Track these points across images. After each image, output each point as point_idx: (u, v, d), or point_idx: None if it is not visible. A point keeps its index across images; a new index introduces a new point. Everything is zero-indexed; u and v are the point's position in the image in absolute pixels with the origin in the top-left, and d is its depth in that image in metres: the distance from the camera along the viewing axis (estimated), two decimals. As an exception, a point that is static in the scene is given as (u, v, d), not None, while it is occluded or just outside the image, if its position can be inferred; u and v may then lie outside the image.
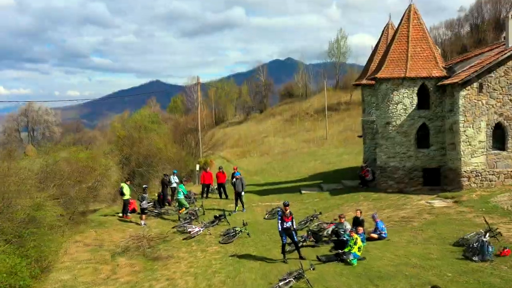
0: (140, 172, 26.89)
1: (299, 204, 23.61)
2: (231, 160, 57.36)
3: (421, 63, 24.35)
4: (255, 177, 41.14)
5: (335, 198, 24.15)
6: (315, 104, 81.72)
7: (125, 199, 22.80)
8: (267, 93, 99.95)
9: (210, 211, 23.28)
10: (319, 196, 25.28)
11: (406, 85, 24.16)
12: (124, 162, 26.93)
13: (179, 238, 19.28)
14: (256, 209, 23.75)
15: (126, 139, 27.17)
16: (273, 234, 18.75)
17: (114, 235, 19.93)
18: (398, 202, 21.00)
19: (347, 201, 22.81)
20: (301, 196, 26.27)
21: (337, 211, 21.10)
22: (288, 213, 15.33)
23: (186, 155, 41.17)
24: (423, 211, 18.82)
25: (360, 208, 17.94)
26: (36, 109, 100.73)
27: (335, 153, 46.95)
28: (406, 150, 24.16)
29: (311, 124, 72.78)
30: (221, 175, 27.43)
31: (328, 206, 22.32)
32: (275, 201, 25.40)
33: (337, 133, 62.01)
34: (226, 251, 17.11)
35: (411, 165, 24.13)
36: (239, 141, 70.04)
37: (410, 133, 24.12)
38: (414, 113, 24.08)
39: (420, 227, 16.88)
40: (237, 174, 23.38)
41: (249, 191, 30.33)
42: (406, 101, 24.15)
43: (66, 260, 16.90)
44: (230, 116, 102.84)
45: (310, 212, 21.36)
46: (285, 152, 55.61)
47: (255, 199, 26.87)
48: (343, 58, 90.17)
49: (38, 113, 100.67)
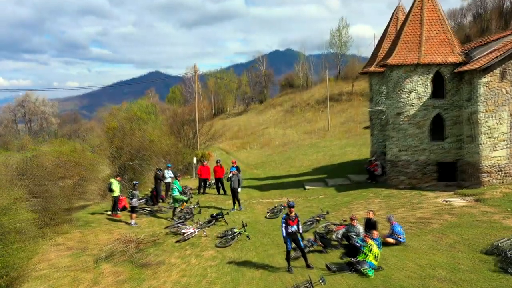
0: (132, 166, 24.82)
1: (303, 201, 21.58)
2: (230, 152, 55.31)
3: (436, 47, 22.18)
4: (255, 170, 39.11)
5: (342, 194, 22.09)
6: (316, 94, 79.44)
7: (115, 196, 20.81)
8: (267, 83, 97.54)
9: (206, 209, 21.27)
10: (324, 192, 23.22)
11: (419, 72, 22.01)
12: (115, 156, 24.85)
13: (171, 240, 17.29)
14: (257, 206, 21.73)
15: (117, 130, 25.09)
16: (275, 236, 16.77)
17: (101, 237, 17.92)
18: (413, 200, 18.95)
19: (355, 198, 20.77)
20: (305, 192, 24.21)
21: (345, 210, 19.10)
22: (293, 216, 13.34)
23: (183, 147, 39.08)
24: (442, 211, 16.79)
25: (372, 208, 15.88)
26: (33, 100, 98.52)
27: (338, 145, 44.85)
28: (419, 143, 22.07)
29: (312, 115, 70.62)
30: (218, 169, 25.41)
31: (335, 204, 20.29)
32: (277, 198, 23.39)
33: (339, 124, 59.88)
34: (223, 257, 15.13)
35: (424, 159, 22.04)
36: (238, 133, 67.93)
37: (424, 124, 22.02)
38: (428, 102, 21.95)
39: (441, 230, 14.86)
40: (233, 170, 21.32)
41: (249, 186, 28.31)
42: (419, 90, 22.01)
43: (44, 267, 14.90)
44: (229, 107, 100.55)
45: (315, 211, 19.36)
46: (286, 144, 53.53)
47: (256, 195, 24.85)
48: (345, 47, 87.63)
49: (35, 104, 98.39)
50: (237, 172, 21.09)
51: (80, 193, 19.87)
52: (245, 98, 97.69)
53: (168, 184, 24.52)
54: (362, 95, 72.34)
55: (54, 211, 17.81)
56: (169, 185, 24.58)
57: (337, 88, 77.09)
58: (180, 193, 20.87)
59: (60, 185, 18.72)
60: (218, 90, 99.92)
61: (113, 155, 24.75)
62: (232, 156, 51.92)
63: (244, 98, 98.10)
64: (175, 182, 20.84)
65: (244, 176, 33.61)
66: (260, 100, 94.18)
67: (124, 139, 24.92)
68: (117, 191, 20.82)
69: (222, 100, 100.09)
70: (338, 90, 76.05)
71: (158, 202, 23.21)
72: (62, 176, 18.17)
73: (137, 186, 19.89)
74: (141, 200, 23.26)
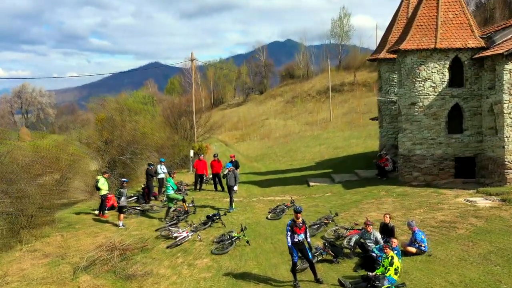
0: (122, 161, 22.75)
1: (308, 200, 19.53)
2: (229, 143, 53.19)
3: (454, 31, 19.98)
4: (255, 163, 37.04)
5: (350, 192, 20.02)
6: (317, 85, 77.08)
7: (102, 195, 18.79)
8: (267, 73, 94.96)
9: (201, 209, 19.23)
10: (331, 190, 21.13)
11: (436, 58, 19.84)
12: (104, 150, 22.77)
13: (162, 245, 15.27)
14: (257, 205, 19.69)
15: (106, 122, 22.99)
16: (278, 241, 14.78)
17: (84, 241, 15.91)
18: (431, 200, 16.91)
19: (365, 197, 18.70)
20: (309, 189, 22.11)
21: (355, 210, 17.06)
22: (300, 223, 11.33)
23: (180, 139, 36.98)
24: (467, 214, 14.76)
25: (388, 212, 13.85)
26: (30, 91, 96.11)
27: (341, 136, 42.72)
28: (435, 136, 19.97)
29: (313, 105, 68.37)
30: (216, 164, 23.36)
31: (343, 204, 18.24)
32: (279, 195, 21.33)
33: (341, 115, 57.69)
34: (219, 267, 13.13)
35: (441, 154, 19.96)
36: (238, 124, 65.71)
37: (440, 115, 19.90)
38: (445, 91, 19.82)
39: (469, 236, 12.84)
40: (229, 166, 19.22)
41: (248, 181, 26.28)
42: (435, 77, 19.86)
43: (14, 279, 12.94)
44: (229, 98, 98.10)
45: (322, 211, 17.34)
46: (287, 135, 51.40)
47: (256, 192, 22.78)
48: (346, 37, 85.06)
49: (32, 95, 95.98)
50: (233, 169, 19.05)
51: (62, 191, 17.84)
52: (245, 89, 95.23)
53: (162, 180, 22.49)
54: (364, 85, 70.11)
55: (31, 213, 15.79)
56: (162, 181, 22.55)
57: (339, 78, 74.72)
58: (175, 192, 18.82)
59: (38, 183, 16.67)
60: (217, 80, 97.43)
61: (102, 149, 22.65)
62: (231, 148, 49.84)
63: (244, 89, 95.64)
64: (168, 179, 18.77)
65: (244, 170, 31.56)
66: (260, 91, 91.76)
67: (114, 132, 22.80)
68: (105, 190, 18.79)
69: (222, 90, 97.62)
70: (340, 80, 73.71)
71: (150, 200, 21.20)
72: (39, 173, 16.10)
73: (126, 185, 17.82)
74: (132, 198, 21.26)
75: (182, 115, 39.92)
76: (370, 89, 67.86)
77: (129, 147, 22.93)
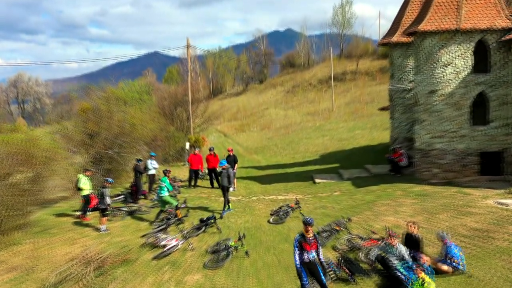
0: (109, 155, 20.46)
1: (314, 200, 17.24)
2: (228, 134, 50.88)
3: (479, 10, 17.53)
4: (255, 155, 34.75)
5: (362, 191, 17.71)
6: (319, 74, 74.53)
7: (84, 195, 16.56)
8: (267, 62, 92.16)
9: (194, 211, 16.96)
10: (339, 188, 18.82)
11: (458, 41, 17.43)
12: (89, 143, 20.46)
13: (147, 256, 13.02)
14: (257, 206, 17.42)
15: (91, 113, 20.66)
16: (282, 252, 12.55)
17: (58, 250, 13.70)
18: (456, 201, 14.64)
19: (379, 197, 16.41)
20: (315, 187, 19.79)
21: (370, 214, 14.80)
22: (310, 238, 9.09)
23: (175, 130, 34.63)
24: (503, 220, 12.49)
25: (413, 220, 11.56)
26: (26, 80, 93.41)
27: (346, 127, 40.35)
28: (458, 128, 17.65)
29: (315, 95, 65.88)
30: (212, 159, 21.10)
31: (355, 205, 15.96)
32: (281, 194, 19.05)
33: (343, 105, 55.28)
34: (212, 285, 10.90)
35: (463, 148, 17.65)
36: (237, 114, 63.29)
37: (463, 104, 17.56)
38: (469, 78, 17.46)
39: (511, 250, 10.59)
40: (223, 164, 16.81)
41: (248, 177, 24.01)
42: (458, 62, 17.48)
43: (-32, 300, 10.76)
44: (228, 87, 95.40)
45: (331, 214, 15.09)
46: (288, 126, 49.01)
47: (256, 190, 20.49)
48: (348, 25, 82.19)
49: (28, 84, 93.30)
50: (228, 166, 16.70)
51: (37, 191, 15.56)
52: (245, 78, 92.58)
53: (152, 177, 20.24)
54: (367, 74, 67.63)
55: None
56: (153, 178, 20.31)
57: (341, 67, 72.13)
58: (170, 194, 16.47)
59: (7, 183, 14.39)
60: (216, 69, 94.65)
61: (87, 142, 20.34)
62: (230, 139, 47.56)
63: (244, 78, 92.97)
64: (164, 179, 16.41)
65: (243, 163, 29.28)
66: (260, 80, 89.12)
67: (100, 123, 20.45)
68: (87, 189, 16.56)
69: (221, 80, 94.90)
70: (342, 69, 71.14)
71: (138, 199, 18.95)
72: (7, 172, 13.82)
73: (109, 184, 15.54)
74: (119, 197, 19.00)
75: (178, 105, 37.51)
76: (373, 78, 65.37)
77: (117, 140, 20.59)
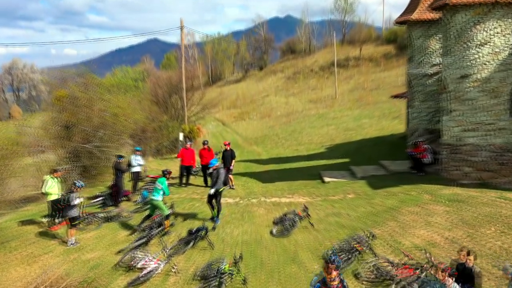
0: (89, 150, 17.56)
1: (325, 205, 14.32)
2: (227, 123, 47.90)
3: (522, -22, 14.45)
4: (255, 146, 31.84)
5: (380, 193, 14.78)
6: (320, 60, 71.21)
7: (51, 201, 13.71)
8: (267, 48, 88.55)
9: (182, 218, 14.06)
10: (353, 189, 15.85)
11: (497, 15, 14.38)
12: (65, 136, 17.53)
13: (121, 281, 10.21)
14: (258, 211, 14.54)
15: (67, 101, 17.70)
16: (289, 277, 9.74)
17: (12, 272, 10.88)
18: (502, 211, 11.76)
19: (403, 202, 13.52)
20: (325, 187, 16.81)
21: (395, 225, 11.93)
22: (332, 279, 6.21)
23: (169, 119, 31.68)
24: None
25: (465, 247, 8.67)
26: (21, 67, 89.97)
27: (351, 116, 37.37)
28: (495, 119, 14.70)
29: (317, 82, 62.71)
30: (206, 153, 18.23)
31: (374, 212, 13.07)
32: (285, 195, 16.15)
33: (347, 92, 52.19)
34: (199, 331, 8.11)
35: (502, 143, 14.72)
36: (236, 101, 60.15)
37: (502, 92, 14.59)
38: (509, 59, 14.46)
39: None
40: (213, 164, 13.67)
41: (247, 173, 21.15)
42: (497, 41, 14.46)
43: None
44: (228, 74, 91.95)
45: (347, 225, 12.25)
46: (289, 114, 46.03)
47: (256, 190, 17.56)
48: (351, 9, 78.54)
49: (23, 71, 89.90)
50: (220, 166, 13.71)
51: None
52: (244, 65, 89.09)
53: (137, 175, 17.32)
54: (370, 60, 64.36)
55: None
56: (137, 176, 17.41)
57: (343, 53, 68.68)
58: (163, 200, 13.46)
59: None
60: (215, 56, 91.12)
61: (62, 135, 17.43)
62: (229, 128, 44.60)
63: (243, 65, 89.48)
64: (161, 180, 13.27)
65: (242, 156, 26.39)
66: (260, 67, 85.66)
67: (77, 113, 17.51)
68: (54, 194, 13.68)
69: (220, 67, 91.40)
70: (344, 55, 67.73)
71: (120, 202, 16.08)
72: None
73: (78, 189, 12.63)
74: (97, 199, 16.14)
75: (173, 92, 34.45)
76: (377, 64, 62.18)
77: (98, 132, 17.67)
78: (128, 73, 50.57)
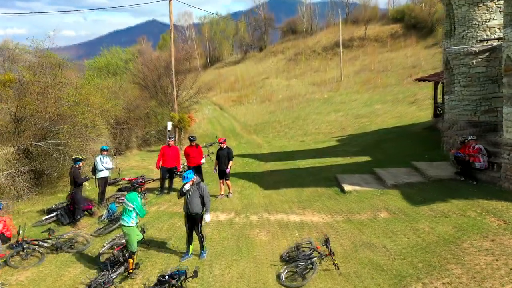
0: (43, 150, 13.47)
1: (351, 230, 10.24)
2: (224, 107, 43.69)
3: None
4: (255, 136, 27.73)
5: (424, 213, 10.61)
6: (323, 40, 66.42)
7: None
8: (267, 28, 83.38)
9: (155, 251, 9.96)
10: (385, 203, 11.63)
11: None
12: (13, 131, 13.43)
13: None
14: (258, 236, 10.47)
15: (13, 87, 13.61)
16: None
17: None
18: None
19: (463, 231, 9.39)
20: (345, 199, 12.52)
21: (460, 272, 7.84)
22: None
23: (157, 105, 27.50)
24: None
25: None
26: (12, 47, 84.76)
27: (361, 100, 33.13)
28: None
29: (320, 63, 58.26)
30: (193, 152, 14.18)
31: (424, 246, 9.00)
32: (294, 210, 12.07)
33: (353, 74, 47.84)
34: None
35: None
36: (235, 84, 55.77)
37: None
38: None
39: None
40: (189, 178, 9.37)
41: (245, 174, 17.07)
42: None
43: None
44: (226, 55, 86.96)
45: (385, 265, 8.26)
46: (291, 98, 41.78)
47: (256, 200, 13.46)
48: (354, -13, 73.21)
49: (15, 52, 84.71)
50: (197, 181, 9.61)
51: None
52: (243, 46, 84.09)
53: (104, 181, 13.26)
54: (376, 41, 59.70)
55: None
56: (105, 183, 13.35)
57: (347, 33, 63.79)
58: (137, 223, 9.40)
59: None
60: (213, 37, 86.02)
61: (9, 130, 13.33)
62: (226, 113, 40.39)
63: (242, 46, 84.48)
64: (132, 197, 9.25)
65: (240, 148, 22.30)
66: (260, 48, 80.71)
67: (28, 103, 13.36)
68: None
69: (218, 48, 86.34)
70: (349, 35, 62.91)
71: (79, 218, 12.08)
72: None
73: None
74: (49, 216, 12.16)
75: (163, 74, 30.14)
76: (384, 45, 57.55)
77: (53, 127, 13.55)
78: (118, 54, 45.94)
